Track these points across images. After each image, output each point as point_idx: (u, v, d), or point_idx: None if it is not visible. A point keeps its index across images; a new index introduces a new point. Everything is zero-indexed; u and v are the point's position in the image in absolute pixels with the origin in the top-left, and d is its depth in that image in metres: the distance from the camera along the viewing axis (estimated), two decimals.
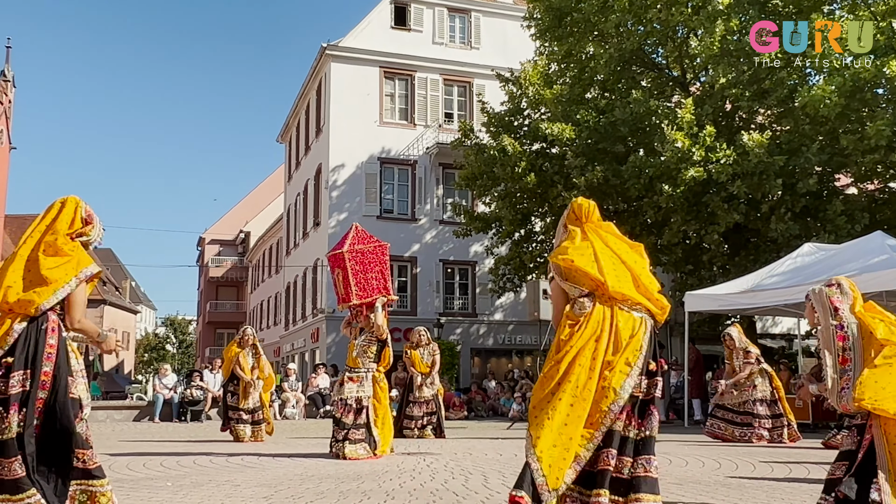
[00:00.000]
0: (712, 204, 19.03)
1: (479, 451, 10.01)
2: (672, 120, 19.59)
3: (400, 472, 7.46)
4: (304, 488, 6.27)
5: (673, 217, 19.70)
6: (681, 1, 20.09)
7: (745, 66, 19.57)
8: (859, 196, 20.02)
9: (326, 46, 31.54)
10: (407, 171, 31.95)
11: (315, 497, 5.75)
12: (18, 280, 4.25)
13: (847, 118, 18.09)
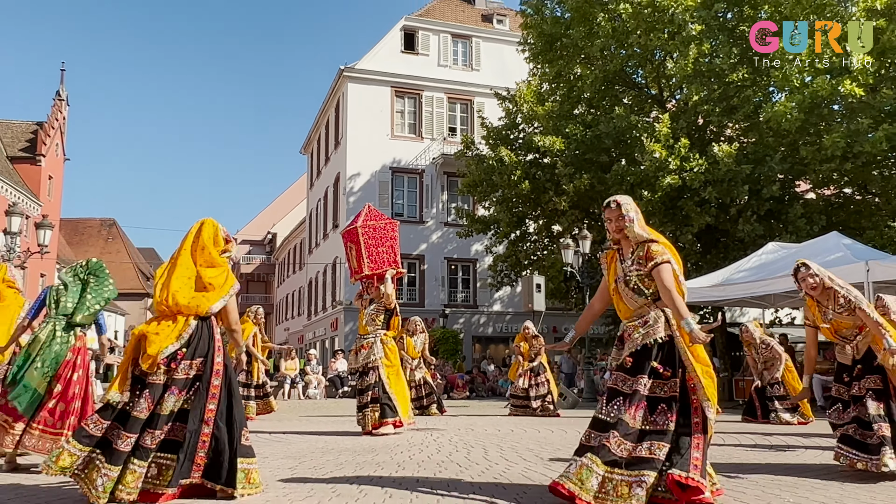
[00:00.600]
0: (686, 208, 19.01)
1: (479, 428, 10.01)
2: (650, 133, 19.59)
3: (409, 445, 7.47)
4: (325, 460, 6.29)
5: (651, 219, 19.64)
6: (658, 27, 20.06)
7: (716, 85, 19.56)
8: (817, 200, 19.98)
9: (344, 69, 31.61)
10: (415, 179, 31.97)
11: (334, 468, 5.76)
12: (184, 286, 4.47)
13: (806, 131, 18.09)
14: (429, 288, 31.06)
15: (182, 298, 4.42)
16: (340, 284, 31.11)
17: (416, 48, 32.78)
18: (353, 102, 31.41)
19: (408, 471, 5.62)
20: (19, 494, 4.62)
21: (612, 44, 20.87)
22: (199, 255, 4.67)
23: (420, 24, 33.08)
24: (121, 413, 4.18)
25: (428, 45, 32.91)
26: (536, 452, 6.80)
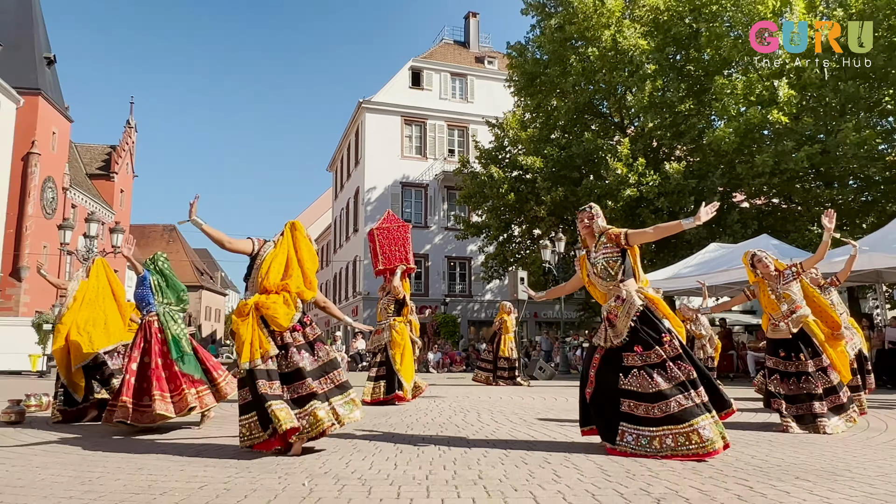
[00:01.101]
0: (643, 215, 19.02)
1: (474, 395, 10.00)
2: (614, 154, 19.64)
3: (416, 410, 7.48)
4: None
5: (614, 225, 19.70)
6: (619, 67, 20.07)
7: (667, 114, 19.62)
8: (750, 209, 20.01)
9: (362, 102, 31.67)
10: (421, 191, 31.99)
11: (354, 429, 5.76)
12: (296, 276, 4.60)
13: (741, 152, 18.11)
14: (432, 281, 31.11)
15: (292, 287, 4.55)
16: (360, 278, 31.22)
17: (422, 85, 32.83)
18: (370, 129, 31.48)
19: (415, 430, 5.63)
20: (207, 447, 4.65)
21: (581, 80, 20.91)
22: (305, 253, 4.81)
23: (425, 64, 33.13)
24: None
25: (431, 82, 32.96)
26: (521, 416, 6.81)
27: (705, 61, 19.51)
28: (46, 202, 35.08)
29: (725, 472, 3.71)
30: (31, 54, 35.46)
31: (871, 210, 18.24)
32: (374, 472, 3.78)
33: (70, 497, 3.19)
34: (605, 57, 20.03)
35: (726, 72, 19.18)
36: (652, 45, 19.80)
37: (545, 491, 3.27)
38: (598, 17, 20.07)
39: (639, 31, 19.89)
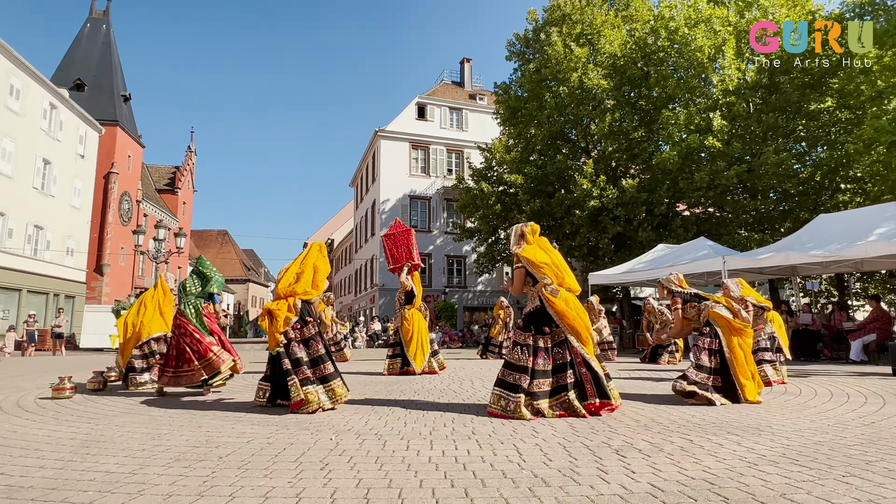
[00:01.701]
0: (604, 221, 19.04)
1: (468, 368, 9.98)
2: (580, 172, 19.66)
3: (422, 380, 7.47)
4: (366, 388, 6.30)
5: (581, 229, 19.74)
6: (585, 103, 20.09)
7: (623, 140, 19.65)
8: (690, 216, 20.02)
9: (378, 131, 31.65)
10: (425, 203, 31.94)
11: (372, 394, 5.77)
12: (304, 282, 4.78)
13: (683, 171, 18.14)
14: (435, 275, 31.08)
15: (300, 289, 4.75)
16: (376, 272, 31.19)
17: (426, 117, 32.77)
18: (384, 153, 31.45)
19: (420, 396, 5.62)
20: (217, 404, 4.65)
21: (554, 113, 20.91)
22: (316, 264, 4.96)
23: (428, 100, 33.08)
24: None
25: (433, 114, 32.91)
26: None
27: (654, 97, 19.52)
28: (123, 212, 35.04)
29: (671, 429, 3.72)
30: (111, 93, 35.45)
31: (787, 217, 18.26)
32: (388, 428, 3.79)
33: (143, 449, 3.20)
34: (573, 94, 20.04)
35: (671, 106, 19.19)
36: (611, 84, 19.81)
37: (526, 444, 3.28)
38: (568, 62, 20.10)
39: (600, 74, 19.91)
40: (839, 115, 17.34)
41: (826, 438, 3.39)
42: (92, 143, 29.96)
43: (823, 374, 7.57)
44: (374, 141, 32.99)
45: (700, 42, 17.72)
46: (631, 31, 20.85)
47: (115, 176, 33.66)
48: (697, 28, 18.02)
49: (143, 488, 2.46)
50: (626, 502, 2.24)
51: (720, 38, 17.96)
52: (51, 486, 2.50)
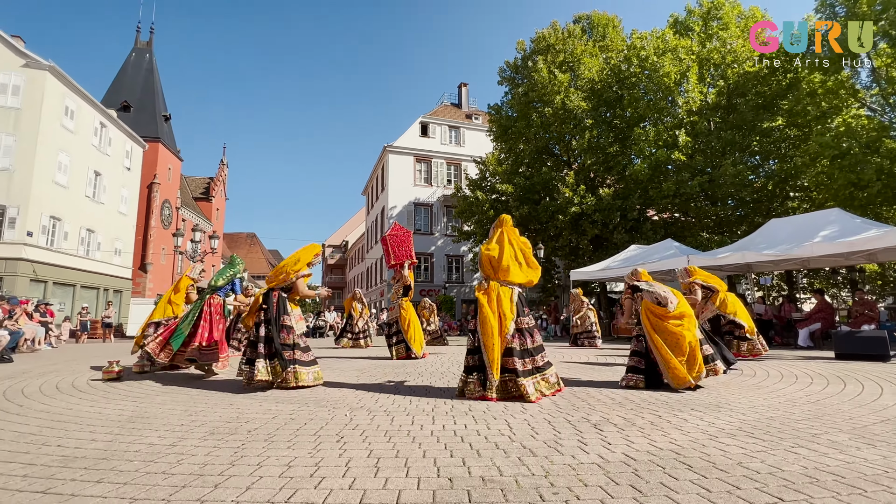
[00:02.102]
0: (584, 225, 19.03)
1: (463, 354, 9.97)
2: (563, 182, 19.66)
3: (425, 363, 7.48)
4: (376, 370, 6.26)
5: (564, 232, 19.73)
6: (567, 121, 20.09)
7: (600, 154, 19.64)
8: (659, 221, 20.02)
9: (386, 146, 31.58)
10: (428, 209, 31.86)
11: (382, 375, 5.77)
12: (285, 269, 4.84)
13: (652, 181, 18.13)
14: (436, 271, 31.02)
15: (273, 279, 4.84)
16: (385, 270, 31.17)
17: (428, 134, 32.70)
18: (392, 165, 31.39)
19: (424, 378, 5.59)
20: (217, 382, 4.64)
21: (540, 131, 20.91)
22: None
23: (430, 120, 33.01)
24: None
25: (435, 132, 32.85)
26: None
27: (627, 117, 19.52)
28: (164, 217, 34.99)
29: (642, 406, 3.72)
30: (153, 113, 35.39)
31: (743, 221, 18.26)
32: (396, 406, 3.79)
33: (181, 424, 3.19)
34: (557, 114, 20.05)
35: (642, 124, 19.19)
36: (589, 105, 19.81)
37: (515, 419, 3.28)
38: (552, 86, 20.08)
39: (580, 96, 19.91)
40: (788, 133, 17.35)
41: (777, 414, 3.39)
42: (137, 157, 29.91)
43: (775, 359, 7.57)
44: (383, 155, 32.96)
45: (667, 69, 17.73)
46: (607, 59, 20.88)
47: (156, 186, 33.61)
48: (665, 56, 18.03)
49: (182, 458, 2.46)
50: (604, 470, 2.24)
51: (685, 65, 17.98)
52: (101, 457, 2.50)
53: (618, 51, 21.11)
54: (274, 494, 1.98)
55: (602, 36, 22.43)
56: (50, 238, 21.48)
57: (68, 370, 6.50)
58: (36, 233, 20.44)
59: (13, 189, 19.79)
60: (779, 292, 23.41)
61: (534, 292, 25.89)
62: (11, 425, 3.19)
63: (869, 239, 8.56)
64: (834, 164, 13.64)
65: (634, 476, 2.16)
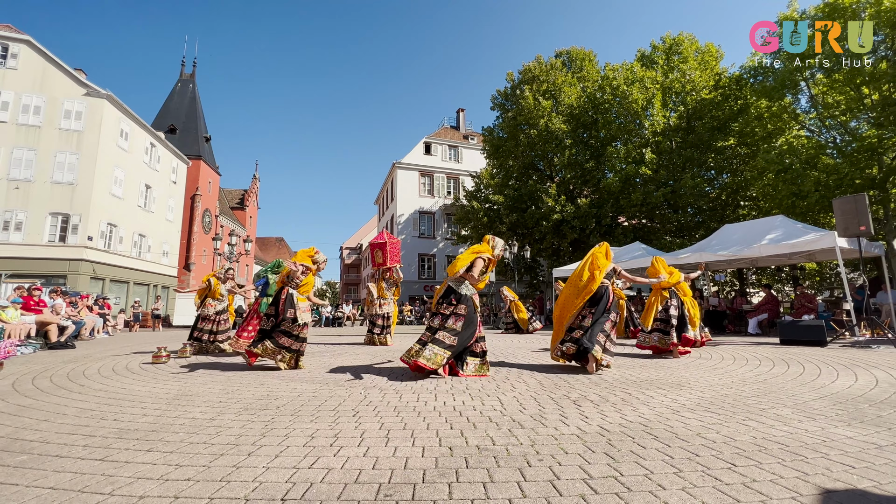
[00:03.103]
0: (564, 230, 19.02)
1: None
2: (546, 193, 19.63)
3: None
4: (386, 354, 6.18)
5: (547, 236, 19.70)
6: (550, 141, 20.11)
7: (578, 169, 19.62)
8: (629, 226, 20.02)
9: (395, 163, 31.54)
10: (431, 216, 31.82)
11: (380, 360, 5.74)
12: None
13: (623, 192, 18.11)
14: (438, 270, 30.95)
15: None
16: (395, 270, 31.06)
17: (431, 152, 32.68)
18: (400, 179, 31.34)
19: None
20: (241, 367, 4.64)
21: (527, 149, 20.91)
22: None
23: (433, 140, 33.00)
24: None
25: (437, 150, 32.83)
26: (492, 351, 6.78)
27: (601, 137, 19.54)
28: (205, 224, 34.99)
29: (614, 385, 3.71)
30: (196, 135, 35.40)
31: (701, 227, 18.26)
32: (403, 385, 3.78)
33: (220, 402, 3.19)
34: (541, 135, 20.05)
35: (614, 143, 19.21)
36: (568, 127, 19.82)
37: (506, 396, 3.28)
38: (537, 111, 20.11)
39: (561, 120, 19.92)
40: (739, 150, 17.36)
41: (730, 392, 3.39)
42: (181, 173, 29.93)
43: (728, 345, 7.56)
44: (392, 170, 32.94)
45: (635, 96, 17.75)
46: (584, 88, 20.91)
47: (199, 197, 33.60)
48: (633, 86, 18.05)
49: (220, 430, 2.46)
50: (582, 440, 2.24)
51: (650, 92, 18.00)
52: (151, 429, 2.49)
53: (593, 81, 21.15)
54: (299, 461, 1.98)
55: (580, 68, 22.45)
56: (107, 242, 21.48)
57: (122, 355, 6.50)
58: (95, 237, 20.44)
59: (76, 200, 19.81)
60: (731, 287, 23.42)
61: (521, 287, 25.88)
62: (74, 402, 3.19)
63: (808, 241, 8.57)
64: (778, 178, 13.64)
65: (608, 445, 2.16)
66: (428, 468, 1.89)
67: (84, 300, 11.36)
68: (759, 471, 1.84)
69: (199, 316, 6.68)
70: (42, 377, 4.32)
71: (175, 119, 35.11)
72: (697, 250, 11.02)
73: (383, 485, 1.72)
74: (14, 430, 2.48)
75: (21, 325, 7.14)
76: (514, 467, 1.89)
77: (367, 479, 1.79)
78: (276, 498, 1.63)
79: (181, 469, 1.90)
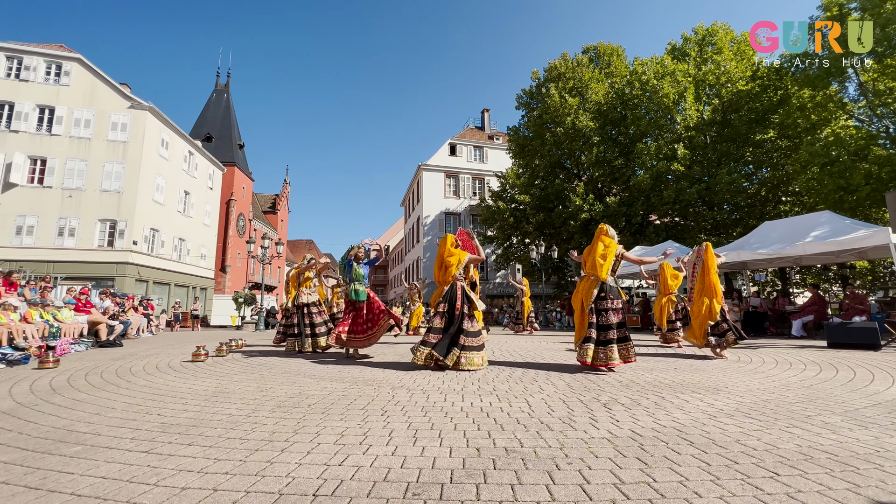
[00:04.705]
0: (593, 229, 18.63)
1: (492, 340, 9.84)
2: (574, 192, 19.29)
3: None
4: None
5: (575, 235, 19.35)
6: (577, 139, 19.75)
7: (606, 167, 19.18)
8: (661, 224, 19.40)
9: (421, 165, 31.76)
10: (456, 217, 31.84)
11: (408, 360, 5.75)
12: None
13: (654, 189, 17.58)
14: None
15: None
16: (420, 270, 31.29)
17: (456, 153, 32.73)
18: (425, 181, 31.54)
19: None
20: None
21: (553, 148, 20.63)
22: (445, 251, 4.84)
23: (458, 141, 33.03)
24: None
25: (462, 151, 32.84)
26: (519, 353, 6.69)
27: (630, 134, 19.01)
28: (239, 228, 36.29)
29: (647, 389, 3.61)
30: (230, 142, 36.82)
31: (738, 224, 17.47)
32: (430, 385, 3.79)
33: (254, 399, 3.30)
34: (567, 133, 19.72)
35: (644, 140, 18.66)
36: (596, 125, 19.39)
37: (534, 398, 3.24)
38: (563, 109, 19.78)
39: (588, 117, 19.51)
40: (780, 143, 16.51)
41: (773, 397, 3.22)
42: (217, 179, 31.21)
43: (770, 347, 7.20)
44: (417, 172, 33.19)
45: (666, 90, 17.19)
46: (612, 84, 20.43)
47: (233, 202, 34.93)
48: (664, 80, 17.48)
49: (255, 426, 2.54)
50: (612, 444, 2.18)
51: (682, 86, 17.39)
52: (191, 424, 2.61)
53: (621, 76, 20.64)
54: (330, 458, 2.02)
55: (608, 63, 21.96)
56: (150, 246, 22.65)
57: (164, 353, 6.80)
58: (140, 242, 21.60)
59: (122, 207, 20.99)
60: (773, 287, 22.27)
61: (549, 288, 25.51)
62: (122, 397, 3.37)
63: (859, 238, 8.04)
64: (824, 171, 12.87)
65: (640, 450, 2.10)
66: (455, 468, 1.89)
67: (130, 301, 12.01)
68: (805, 481, 1.74)
69: (288, 310, 6.41)
70: (93, 373, 4.59)
71: (211, 128, 36.66)
72: (735, 248, 10.55)
73: (411, 484, 1.74)
74: (70, 422, 2.66)
75: (74, 325, 7.63)
76: (543, 470, 1.87)
77: (395, 477, 1.80)
78: (308, 493, 1.67)
79: (219, 463, 1.98)
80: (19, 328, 6.08)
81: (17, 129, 20.22)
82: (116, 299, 11.08)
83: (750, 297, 12.52)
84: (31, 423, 2.62)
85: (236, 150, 37.09)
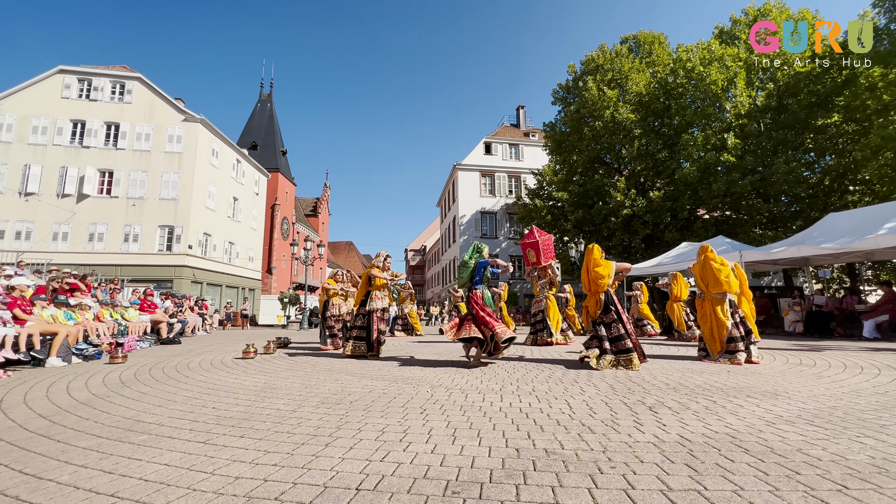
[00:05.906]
0: (636, 226, 17.93)
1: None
2: (614, 188, 18.64)
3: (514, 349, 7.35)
4: (451, 353, 6.19)
5: (616, 233, 18.69)
6: (617, 132, 19.08)
7: (649, 160, 18.38)
8: (710, 219, 18.35)
9: (456, 164, 31.82)
10: (493, 216, 31.64)
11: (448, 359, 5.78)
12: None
13: (702, 182, 16.68)
14: None
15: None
16: (455, 270, 31.32)
17: (491, 152, 32.51)
18: (461, 180, 31.56)
19: (495, 360, 5.43)
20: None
21: (591, 143, 20.04)
22: (592, 263, 4.86)
23: (493, 139, 32.81)
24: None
25: (497, 150, 32.58)
26: (558, 351, 6.54)
27: (675, 125, 18.11)
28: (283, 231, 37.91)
29: (696, 392, 3.43)
30: (274, 150, 38.52)
31: (798, 217, 16.21)
32: (468, 384, 3.80)
33: (299, 395, 3.44)
34: (607, 127, 19.08)
35: (690, 130, 17.72)
36: (637, 117, 18.65)
37: (575, 400, 3.17)
38: (601, 102, 19.17)
39: (629, 109, 18.80)
40: (846, 128, 15.16)
41: (840, 404, 2.97)
42: (262, 185, 32.77)
43: (836, 350, 6.63)
44: (453, 172, 33.26)
45: (714, 77, 16.24)
46: (654, 73, 19.57)
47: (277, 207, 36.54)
48: (711, 66, 16.53)
49: (301, 421, 2.65)
50: (659, 449, 2.10)
51: (732, 71, 16.36)
52: (243, 417, 2.76)
53: (664, 65, 19.72)
54: (371, 454, 2.07)
55: (648, 52, 21.04)
56: (204, 249, 24.13)
57: (217, 351, 7.21)
58: (195, 246, 23.08)
59: (178, 213, 22.50)
60: (839, 284, 20.49)
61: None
62: (181, 392, 3.62)
63: None
64: None
65: (690, 456, 2.00)
66: (495, 468, 1.88)
67: (187, 301, 12.84)
68: (879, 496, 1.59)
69: (358, 314, 5.94)
70: (156, 368, 4.95)
71: (256, 136, 38.51)
72: (795, 243, 9.80)
73: (451, 482, 1.75)
74: (137, 413, 2.89)
75: (139, 324, 8.27)
76: (585, 473, 1.82)
77: (435, 475, 1.83)
78: (351, 487, 1.72)
79: (269, 455, 2.08)
80: (93, 326, 6.66)
81: (89, 145, 22.18)
82: (175, 300, 11.88)
83: (813, 295, 11.59)
84: (105, 413, 2.87)
85: (279, 157, 38.72)
